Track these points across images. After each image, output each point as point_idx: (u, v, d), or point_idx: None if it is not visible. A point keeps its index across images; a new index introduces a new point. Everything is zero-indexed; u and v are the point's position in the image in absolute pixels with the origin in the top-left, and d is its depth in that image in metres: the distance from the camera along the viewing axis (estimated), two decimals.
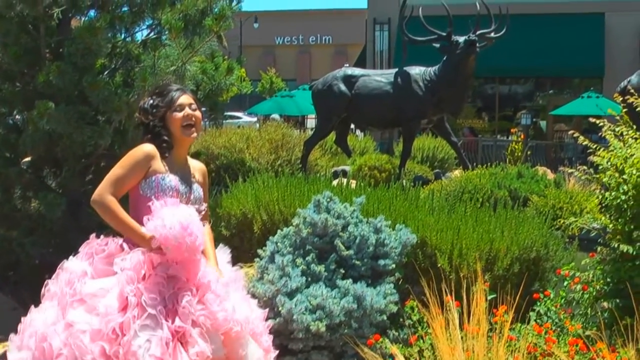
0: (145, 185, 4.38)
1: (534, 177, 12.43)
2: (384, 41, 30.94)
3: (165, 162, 4.46)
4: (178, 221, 4.11)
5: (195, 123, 4.52)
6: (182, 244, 4.10)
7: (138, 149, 4.43)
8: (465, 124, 30.47)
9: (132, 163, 4.40)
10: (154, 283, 4.11)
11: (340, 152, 17.08)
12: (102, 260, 4.25)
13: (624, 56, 26.65)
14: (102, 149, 7.53)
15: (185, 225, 4.11)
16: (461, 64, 13.23)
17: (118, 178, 4.37)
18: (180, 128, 4.48)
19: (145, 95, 4.63)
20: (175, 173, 4.47)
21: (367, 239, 5.98)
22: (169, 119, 4.49)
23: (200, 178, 4.70)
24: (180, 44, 7.13)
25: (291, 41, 68.08)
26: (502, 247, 6.42)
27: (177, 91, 4.55)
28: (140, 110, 4.58)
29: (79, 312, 4.06)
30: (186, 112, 4.48)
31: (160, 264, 4.19)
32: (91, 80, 7.15)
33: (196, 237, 4.14)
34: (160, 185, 4.37)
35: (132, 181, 4.38)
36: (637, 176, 5.31)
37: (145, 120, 4.54)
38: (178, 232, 4.09)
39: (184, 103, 4.51)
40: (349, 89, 13.93)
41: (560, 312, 5.77)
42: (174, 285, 4.16)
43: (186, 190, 4.49)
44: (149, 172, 4.39)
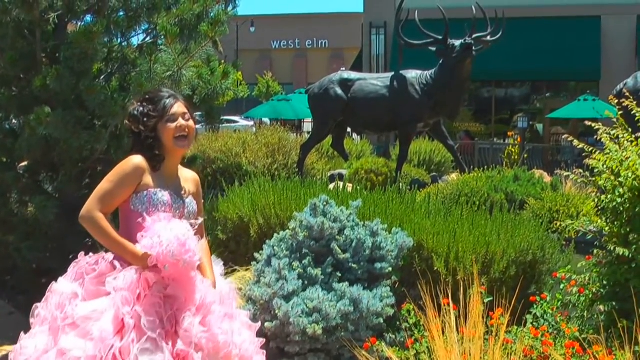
0: (136, 200, 4.09)
1: (531, 180, 12.45)
2: (380, 45, 30.94)
3: (157, 175, 4.17)
4: (175, 237, 3.89)
5: (188, 134, 4.22)
6: (179, 261, 3.87)
7: (127, 162, 4.13)
8: (462, 127, 30.49)
9: (120, 177, 4.10)
10: (150, 304, 3.87)
11: (337, 156, 17.09)
12: (93, 281, 3.98)
13: (620, 59, 26.68)
14: (99, 154, 7.53)
15: (183, 241, 3.88)
16: (457, 68, 13.28)
17: (106, 193, 4.08)
18: (172, 139, 4.16)
19: (135, 101, 4.35)
20: (167, 186, 4.19)
21: (363, 243, 5.99)
22: (161, 129, 4.16)
23: (193, 189, 4.39)
24: (176, 49, 7.13)
25: (287, 45, 68.12)
26: (499, 250, 6.43)
27: (169, 98, 4.23)
28: (129, 117, 4.26)
29: (71, 338, 3.82)
30: (179, 124, 4.17)
31: (157, 283, 3.94)
32: (88, 84, 7.15)
33: (194, 254, 3.92)
34: (152, 200, 4.09)
35: (121, 196, 4.10)
36: (632, 179, 5.32)
37: (135, 129, 4.22)
38: (176, 248, 3.86)
39: (178, 112, 4.20)
40: (345, 93, 13.96)
41: (556, 315, 5.77)
42: (172, 306, 3.92)
43: (179, 204, 4.20)
44: (139, 186, 4.10)
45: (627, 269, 5.39)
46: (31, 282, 7.73)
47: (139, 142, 4.22)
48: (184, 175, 4.40)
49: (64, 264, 7.37)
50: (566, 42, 27.36)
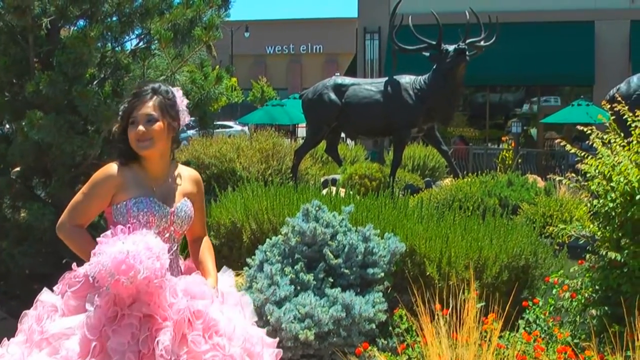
0: (116, 211, 3.87)
1: (524, 185, 12.48)
2: (374, 50, 30.99)
3: (139, 181, 3.91)
4: (111, 257, 3.52)
5: (152, 136, 3.85)
6: (119, 279, 3.50)
7: (100, 171, 3.92)
8: (456, 132, 30.53)
9: (90, 187, 3.91)
10: (126, 325, 3.59)
11: (330, 161, 17.10)
12: (75, 295, 3.77)
13: (613, 64, 26.74)
14: (92, 159, 7.52)
15: (121, 259, 3.50)
16: (451, 73, 13.29)
17: (77, 204, 3.92)
18: (134, 142, 3.85)
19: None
20: (150, 192, 3.91)
21: (355, 248, 5.98)
22: (128, 131, 3.89)
23: (189, 188, 4.10)
24: (170, 54, 7.13)
25: (282, 50, 68.14)
26: (491, 255, 6.44)
27: (143, 97, 3.89)
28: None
29: (42, 356, 3.64)
30: (137, 129, 3.84)
31: (136, 302, 3.63)
32: (81, 89, 7.15)
33: (137, 271, 3.49)
34: (132, 210, 3.83)
35: (94, 207, 3.93)
36: (624, 184, 5.33)
37: (115, 128, 4.02)
38: (111, 268, 3.50)
39: (142, 114, 3.86)
40: (339, 98, 13.96)
41: (549, 320, 5.77)
42: (149, 327, 3.61)
43: (165, 211, 3.91)
44: (117, 197, 3.86)
45: (619, 274, 5.40)
46: (24, 288, 7.72)
47: (115, 138, 4.04)
48: (182, 174, 4.12)
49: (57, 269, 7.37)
50: (560, 47, 27.42)
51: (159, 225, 3.88)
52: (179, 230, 4.02)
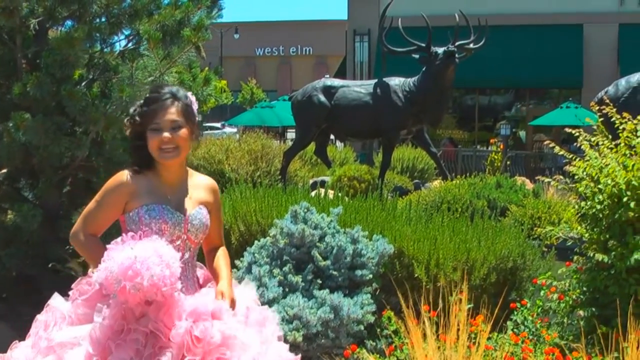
0: (129, 220, 3.75)
1: (513, 187, 12.51)
2: (364, 52, 31.03)
3: (153, 189, 3.78)
4: (118, 262, 3.43)
5: (177, 145, 3.72)
6: (125, 286, 3.40)
7: (112, 179, 3.81)
8: (445, 134, 30.58)
9: (102, 195, 3.81)
10: (132, 340, 3.49)
11: (320, 163, 17.10)
12: (85, 304, 3.69)
13: (602, 67, 26.83)
14: (80, 161, 7.49)
15: (128, 265, 3.40)
16: (440, 75, 13.33)
17: (89, 213, 3.82)
18: (157, 151, 3.71)
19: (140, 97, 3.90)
20: (164, 200, 3.77)
21: (344, 250, 5.98)
22: (147, 138, 3.73)
23: (205, 197, 3.94)
24: (159, 55, 7.11)
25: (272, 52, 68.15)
26: (479, 257, 6.45)
27: (163, 102, 3.74)
28: (128, 117, 3.86)
29: None
30: (163, 136, 3.70)
31: (145, 316, 3.52)
32: (69, 90, 7.12)
33: (143, 277, 3.40)
34: (144, 218, 3.71)
35: (107, 216, 3.81)
36: (612, 186, 5.34)
37: (128, 133, 3.86)
38: (117, 274, 3.41)
39: (166, 121, 3.71)
40: (328, 100, 13.98)
41: (537, 322, 5.79)
42: (154, 344, 3.50)
43: (179, 219, 3.77)
44: (130, 205, 3.75)
45: (606, 275, 5.41)
46: (11, 290, 7.69)
47: (130, 145, 3.90)
48: (197, 182, 3.97)
49: (45, 271, 7.39)
50: (549, 50, 27.52)
51: (172, 233, 3.75)
52: (194, 239, 3.87)
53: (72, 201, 8.21)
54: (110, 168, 7.60)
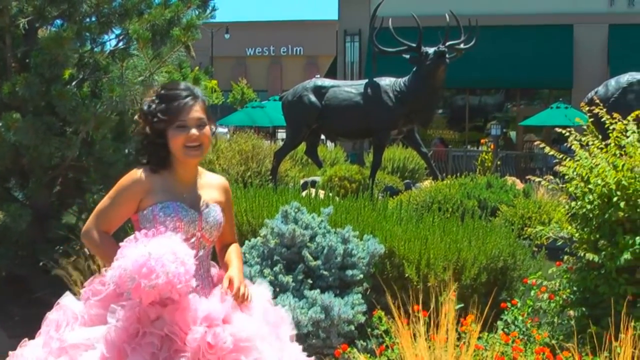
0: (142, 218, 3.68)
1: (503, 187, 12.54)
2: (354, 52, 31.05)
3: (167, 186, 3.73)
4: (132, 259, 3.37)
5: (201, 143, 3.70)
6: (139, 284, 3.34)
7: (126, 176, 3.74)
8: (436, 134, 30.62)
9: (116, 192, 3.73)
10: (147, 343, 3.42)
11: (310, 163, 17.11)
12: (98, 304, 3.60)
13: (592, 67, 26.91)
14: (70, 161, 7.47)
15: (142, 262, 3.34)
16: (431, 75, 13.34)
17: (102, 210, 3.74)
18: (181, 148, 3.67)
19: (150, 94, 3.83)
20: (179, 198, 3.72)
21: (334, 250, 5.98)
22: (170, 135, 3.67)
23: (218, 196, 3.90)
24: (148, 55, 7.10)
25: (262, 52, 68.07)
26: (470, 257, 6.45)
27: (186, 99, 3.68)
28: (140, 113, 3.80)
29: None
30: (191, 134, 3.65)
31: (160, 319, 3.46)
32: (59, 90, 7.09)
33: (158, 275, 3.34)
34: (158, 216, 3.64)
35: (120, 213, 3.74)
36: (602, 186, 5.35)
37: (142, 130, 3.77)
38: (132, 271, 3.35)
39: (192, 118, 3.67)
40: (319, 100, 13.98)
41: (527, 321, 5.79)
42: (169, 347, 3.44)
43: (194, 217, 3.72)
44: (144, 203, 3.69)
45: (596, 275, 5.42)
46: (1, 290, 7.66)
47: (146, 145, 3.78)
48: (208, 181, 3.93)
49: (34, 271, 7.37)
50: (539, 51, 27.58)
51: (187, 231, 3.68)
52: (209, 237, 3.82)
53: (63, 201, 8.20)
54: (100, 168, 7.60)
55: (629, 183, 5.30)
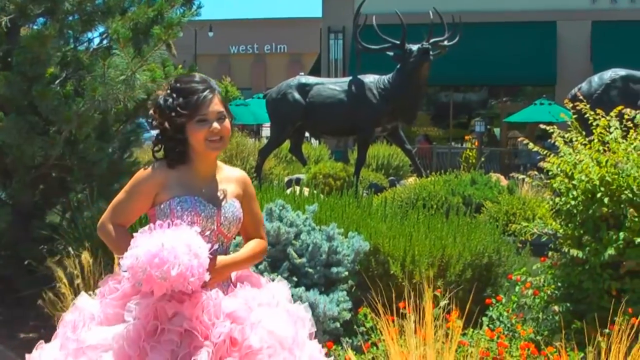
0: (159, 212, 3.60)
1: (488, 183, 12.57)
2: (338, 50, 31.02)
3: (185, 180, 3.65)
4: (145, 249, 3.30)
5: (223, 136, 3.64)
6: (151, 274, 3.27)
7: (141, 171, 3.69)
8: (420, 131, 30.67)
9: (131, 185, 3.68)
10: (166, 341, 3.36)
11: (295, 161, 17.10)
12: (114, 303, 3.53)
13: (575, 64, 26.98)
14: (53, 160, 7.44)
15: (155, 252, 3.27)
16: (415, 72, 13.37)
17: (118, 203, 3.69)
18: (203, 142, 3.60)
19: (164, 87, 3.82)
20: (197, 192, 3.64)
21: (319, 247, 5.97)
22: (190, 130, 3.60)
23: (236, 190, 3.79)
24: (129, 53, 7.06)
25: (246, 50, 67.92)
26: (455, 254, 6.47)
27: (204, 92, 3.62)
28: (155, 107, 3.71)
29: None
30: (213, 127, 3.59)
31: (178, 315, 3.39)
32: (40, 89, 7.05)
33: (171, 265, 3.26)
34: (175, 210, 3.56)
35: (136, 206, 3.68)
36: (585, 182, 5.38)
37: (160, 125, 3.68)
38: (144, 261, 3.28)
39: (213, 112, 3.62)
40: (303, 98, 13.99)
41: (512, 317, 5.81)
42: (189, 344, 3.36)
43: (212, 211, 3.63)
44: (160, 197, 3.62)
45: (580, 271, 5.45)
46: None
47: (163, 140, 3.71)
48: (227, 175, 3.83)
49: (19, 271, 7.33)
50: (523, 47, 27.63)
51: (204, 226, 3.59)
52: (227, 233, 3.72)
53: (46, 200, 8.16)
54: (84, 167, 7.57)
55: (613, 179, 5.33)
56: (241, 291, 3.61)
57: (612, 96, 11.43)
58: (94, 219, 7.04)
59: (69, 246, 6.75)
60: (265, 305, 3.62)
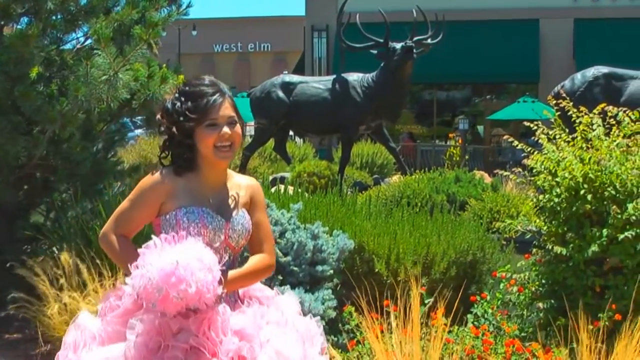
0: (165, 222, 3.41)
1: (472, 181, 12.61)
2: (322, 48, 31.03)
3: (192, 189, 3.44)
4: (158, 268, 3.09)
5: (233, 142, 3.42)
6: (167, 295, 3.08)
7: (146, 178, 3.48)
8: (404, 129, 30.72)
9: (136, 194, 3.47)
10: (170, 358, 3.18)
11: (279, 159, 17.11)
12: (116, 320, 3.36)
13: (558, 62, 27.09)
14: (37, 160, 7.41)
15: (169, 271, 3.07)
16: (398, 70, 13.39)
17: (121, 212, 3.49)
18: (212, 149, 3.38)
19: (172, 91, 3.66)
20: (204, 202, 3.43)
21: (304, 245, 5.98)
22: (199, 134, 3.38)
23: (245, 198, 3.57)
24: (111, 53, 7.03)
25: (230, 49, 67.80)
26: (439, 251, 6.49)
27: (215, 95, 3.43)
28: (162, 112, 3.51)
29: None
30: (224, 132, 3.37)
31: (183, 331, 3.21)
32: (23, 89, 7.02)
33: (189, 284, 3.08)
34: (182, 222, 3.35)
35: (141, 216, 3.48)
36: (569, 179, 5.40)
37: (168, 130, 3.46)
38: (158, 281, 3.07)
39: (223, 116, 3.40)
40: (287, 96, 14.00)
41: (497, 314, 5.83)
42: None
43: (220, 224, 3.41)
44: (165, 206, 3.41)
45: (564, 268, 5.46)
46: None
47: (171, 146, 3.48)
48: (236, 183, 3.60)
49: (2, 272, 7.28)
50: (506, 45, 27.73)
51: (212, 239, 3.38)
52: (235, 245, 3.49)
53: (30, 201, 8.12)
54: (68, 167, 7.54)
55: (596, 176, 5.35)
56: (249, 308, 3.42)
57: (595, 93, 11.48)
58: (78, 218, 7.03)
59: (53, 246, 6.72)
60: (274, 324, 3.44)
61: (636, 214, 5.16)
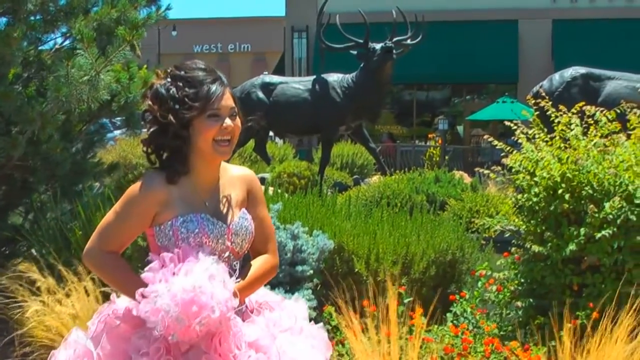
0: (160, 233, 3.02)
1: (451, 181, 12.66)
2: (302, 49, 31.06)
3: (185, 193, 3.05)
4: (174, 298, 2.78)
5: (232, 136, 3.06)
6: (190, 325, 2.79)
7: (135, 186, 3.05)
8: (384, 130, 30.79)
9: (125, 204, 3.04)
10: None
11: (259, 160, 17.09)
12: (114, 336, 3.02)
13: (536, 62, 27.25)
14: (15, 160, 7.38)
15: (189, 299, 2.77)
16: (378, 71, 13.41)
17: (107, 226, 3.06)
18: (212, 142, 3.00)
19: (160, 74, 3.15)
20: (201, 207, 3.06)
21: (284, 246, 5.98)
22: (198, 125, 2.99)
23: (242, 194, 3.19)
24: (93, 53, 7.02)
25: (210, 49, 67.65)
26: (419, 251, 6.51)
27: (215, 83, 3.07)
28: (153, 98, 3.05)
29: None
30: (226, 125, 3.01)
31: (193, 348, 2.91)
32: (3, 90, 6.99)
33: (212, 309, 2.79)
34: (180, 232, 2.98)
35: (130, 230, 3.09)
36: (547, 179, 5.44)
37: (160, 117, 3.00)
38: (178, 313, 2.77)
39: (225, 107, 3.05)
40: (267, 97, 13.99)
41: (476, 313, 5.86)
42: None
43: (221, 230, 3.05)
44: (161, 215, 3.02)
45: (543, 266, 5.50)
46: None
47: (162, 138, 3.04)
48: (230, 177, 3.20)
49: None
50: (485, 46, 27.85)
51: (215, 248, 3.03)
52: (238, 250, 3.14)
53: (9, 202, 8.09)
54: (47, 167, 7.51)
55: (574, 175, 5.39)
56: (260, 317, 3.14)
57: (573, 93, 11.55)
58: (57, 220, 7.00)
59: (32, 248, 6.69)
60: (288, 331, 3.16)
61: (613, 212, 5.20)
